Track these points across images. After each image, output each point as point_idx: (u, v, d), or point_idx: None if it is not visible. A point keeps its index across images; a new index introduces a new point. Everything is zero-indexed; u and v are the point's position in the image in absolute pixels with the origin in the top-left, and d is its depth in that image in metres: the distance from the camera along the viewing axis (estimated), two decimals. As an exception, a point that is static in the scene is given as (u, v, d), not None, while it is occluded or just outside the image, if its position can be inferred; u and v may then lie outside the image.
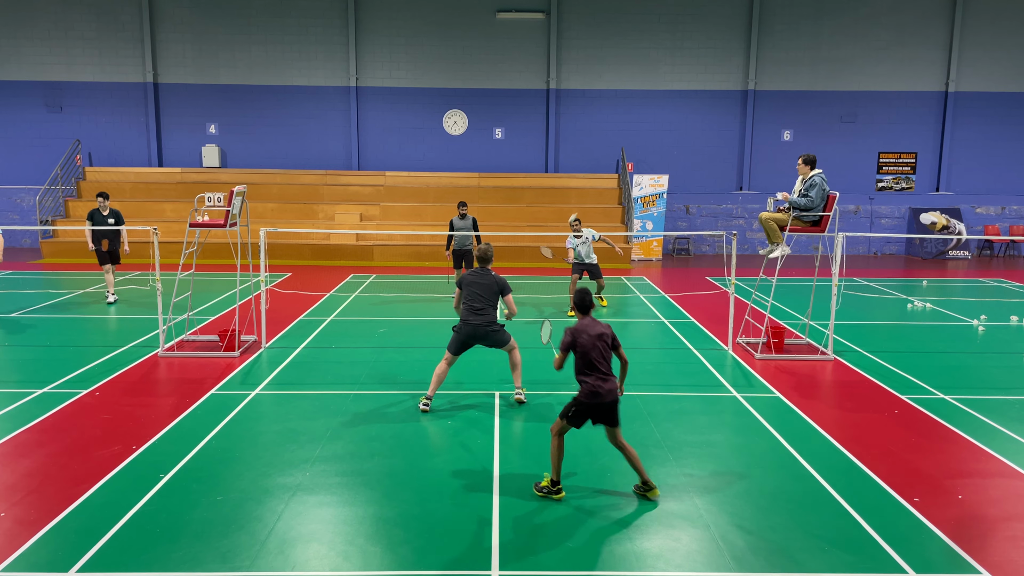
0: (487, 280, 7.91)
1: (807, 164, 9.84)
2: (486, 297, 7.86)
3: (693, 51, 23.72)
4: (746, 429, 7.49)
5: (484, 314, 7.84)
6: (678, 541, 5.24)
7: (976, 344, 11.35)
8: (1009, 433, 7.39)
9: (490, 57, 23.75)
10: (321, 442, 6.97)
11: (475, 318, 7.83)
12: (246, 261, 11.13)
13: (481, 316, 7.83)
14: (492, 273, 7.98)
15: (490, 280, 7.91)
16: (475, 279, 7.92)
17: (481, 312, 7.84)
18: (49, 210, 21.99)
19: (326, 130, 24.02)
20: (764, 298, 12.00)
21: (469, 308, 7.85)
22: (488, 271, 7.99)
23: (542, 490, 5.91)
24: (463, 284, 7.94)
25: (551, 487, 5.89)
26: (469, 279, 7.93)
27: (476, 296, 7.87)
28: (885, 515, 5.61)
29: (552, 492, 5.87)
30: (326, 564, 4.90)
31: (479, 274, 7.95)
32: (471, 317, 7.83)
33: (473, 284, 7.91)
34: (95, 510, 5.56)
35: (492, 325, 7.88)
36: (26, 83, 23.29)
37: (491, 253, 8.11)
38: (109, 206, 13.68)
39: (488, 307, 7.86)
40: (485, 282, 7.90)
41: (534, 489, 5.96)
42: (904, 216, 24.10)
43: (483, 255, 8.06)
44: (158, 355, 9.98)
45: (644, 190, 21.80)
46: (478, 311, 7.83)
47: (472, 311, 7.84)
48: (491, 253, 8.11)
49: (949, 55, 23.57)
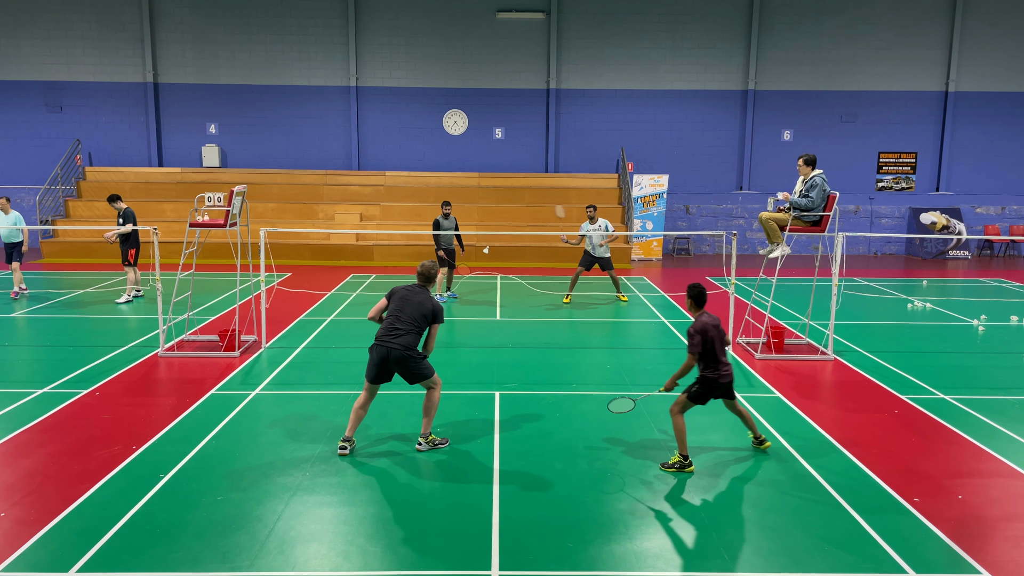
0: (420, 299, 6.79)
1: (808, 164, 9.84)
2: (413, 319, 6.69)
3: (693, 51, 23.72)
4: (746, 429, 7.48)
5: (403, 338, 6.64)
6: (678, 541, 5.25)
7: (976, 344, 11.35)
8: (1009, 433, 7.39)
9: (490, 57, 23.75)
10: (321, 442, 6.97)
11: (391, 340, 6.63)
12: (246, 261, 11.13)
13: (399, 339, 6.63)
14: (429, 294, 6.91)
15: (424, 299, 6.78)
16: (408, 295, 6.81)
17: (400, 335, 6.64)
18: (49, 210, 21.99)
19: (326, 130, 24.02)
20: (764, 298, 12.00)
21: (388, 327, 6.71)
22: (425, 290, 6.92)
23: (673, 466, 6.40)
24: (392, 297, 6.86)
25: (682, 461, 6.39)
26: (401, 293, 6.84)
27: (400, 315, 6.72)
28: (885, 515, 5.61)
29: (685, 466, 6.38)
30: (326, 564, 4.90)
31: (414, 291, 6.85)
32: (387, 338, 6.65)
33: (404, 300, 6.79)
34: (95, 510, 5.57)
35: (411, 351, 6.66)
36: (26, 83, 23.29)
37: (434, 272, 7.05)
38: (122, 206, 13.75)
39: (411, 331, 6.67)
40: (417, 300, 6.77)
41: (661, 468, 6.43)
42: (904, 216, 24.10)
43: (425, 272, 7.00)
44: (158, 355, 9.98)
45: (644, 190, 21.80)
46: (397, 333, 6.65)
47: (390, 331, 6.67)
48: (434, 272, 7.05)
49: (949, 55, 23.57)
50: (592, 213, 13.46)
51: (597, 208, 14.06)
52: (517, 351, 10.63)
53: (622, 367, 9.75)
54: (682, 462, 6.38)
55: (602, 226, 13.42)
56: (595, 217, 13.50)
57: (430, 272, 6.98)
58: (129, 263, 13.83)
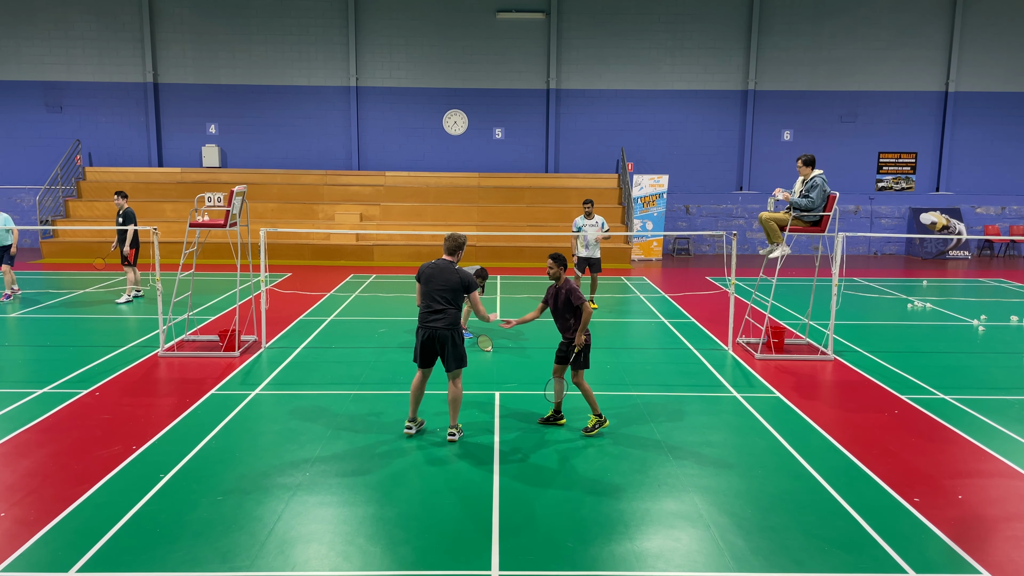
0: (447, 274, 6.77)
1: (807, 164, 9.84)
2: (444, 296, 6.74)
3: (693, 51, 23.71)
4: (746, 429, 7.49)
5: (441, 317, 6.72)
6: (678, 541, 5.24)
7: (976, 344, 11.35)
8: (1009, 433, 7.39)
9: (490, 57, 23.75)
10: (321, 442, 6.97)
11: (431, 320, 6.75)
12: (246, 261, 11.13)
13: (438, 319, 6.72)
14: (454, 266, 6.86)
15: (449, 273, 6.76)
16: (433, 273, 6.81)
17: (438, 314, 6.73)
18: (49, 210, 21.99)
19: (326, 130, 24.01)
20: (764, 298, 12.00)
21: (425, 308, 6.82)
22: (451, 262, 6.88)
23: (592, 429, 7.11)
24: (420, 278, 6.90)
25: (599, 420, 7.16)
26: (428, 272, 6.85)
27: (432, 293, 6.78)
28: (885, 515, 5.61)
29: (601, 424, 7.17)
30: (326, 564, 4.90)
31: (440, 267, 6.82)
32: (427, 319, 6.78)
33: (431, 278, 6.81)
34: (95, 510, 5.56)
35: (453, 329, 6.76)
36: (26, 83, 23.28)
37: (461, 240, 6.97)
38: (124, 204, 13.72)
39: (447, 308, 6.74)
40: (444, 276, 6.76)
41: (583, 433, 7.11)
42: (904, 216, 24.10)
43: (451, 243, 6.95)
44: (158, 355, 9.98)
45: (644, 190, 21.80)
46: (435, 312, 6.75)
47: (428, 311, 6.79)
48: (461, 240, 6.97)
49: (949, 55, 23.57)
50: (589, 208, 13.33)
51: (595, 204, 13.92)
52: (517, 351, 10.63)
53: (622, 367, 9.74)
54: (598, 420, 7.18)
55: (598, 223, 13.32)
56: (592, 213, 13.37)
57: (456, 242, 6.92)
58: (129, 263, 13.83)
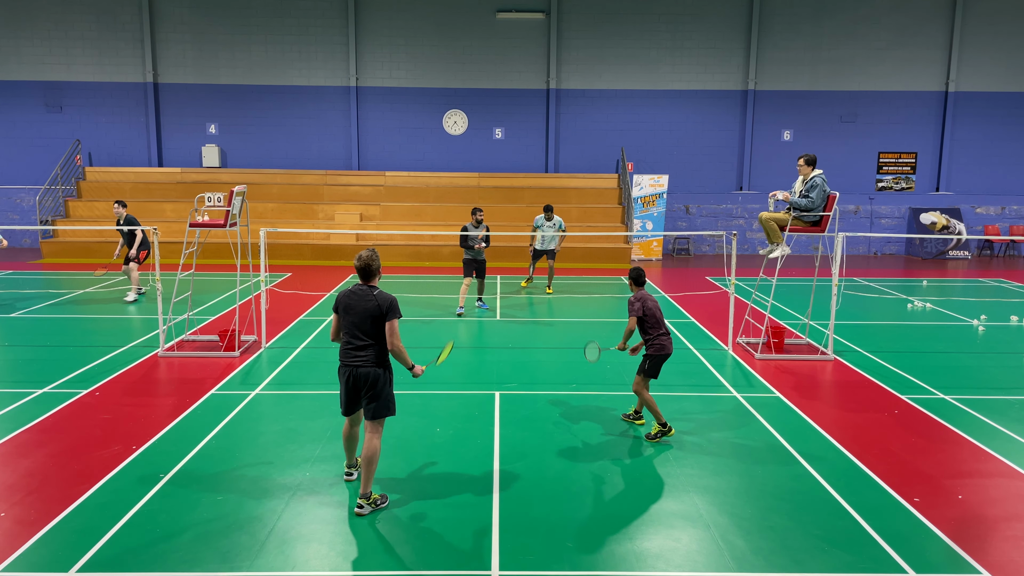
0: (364, 302, 5.57)
1: (808, 164, 9.84)
2: (363, 328, 5.55)
3: (693, 51, 23.71)
4: (746, 429, 7.49)
5: (363, 353, 5.58)
6: (678, 541, 5.24)
7: (976, 344, 11.35)
8: (1009, 433, 7.39)
9: (490, 57, 23.75)
10: (321, 442, 6.97)
11: (352, 357, 5.60)
12: (246, 261, 11.13)
13: (360, 355, 5.58)
14: (372, 291, 5.62)
15: (367, 300, 5.56)
16: (351, 302, 5.60)
17: (360, 350, 5.58)
18: (49, 210, 21.98)
19: (326, 130, 24.01)
20: (764, 298, 11.99)
21: (345, 344, 5.67)
22: (368, 288, 5.65)
23: (655, 437, 7.01)
24: (338, 309, 5.71)
25: (662, 429, 7.02)
26: (345, 302, 5.64)
27: (351, 327, 5.59)
28: (885, 515, 5.61)
29: (665, 433, 7.03)
30: (326, 564, 4.90)
31: (356, 294, 5.62)
32: (348, 356, 5.63)
33: (348, 308, 5.60)
34: (95, 510, 5.56)
35: (379, 367, 5.59)
36: (26, 83, 23.28)
37: (373, 263, 5.67)
38: (123, 213, 13.70)
39: (370, 343, 5.58)
40: (361, 305, 5.56)
41: (646, 439, 7.05)
42: (904, 216, 24.09)
43: (363, 266, 5.66)
44: (158, 355, 9.98)
45: (644, 190, 21.80)
46: (356, 348, 5.59)
47: (348, 348, 5.63)
48: (373, 263, 5.67)
49: (949, 55, 23.56)
50: (549, 213, 15.08)
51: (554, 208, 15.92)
52: (517, 351, 10.64)
53: (622, 367, 9.74)
54: (661, 430, 7.05)
55: (556, 224, 15.14)
56: (551, 216, 15.14)
57: (368, 265, 5.65)
58: (137, 261, 13.83)
